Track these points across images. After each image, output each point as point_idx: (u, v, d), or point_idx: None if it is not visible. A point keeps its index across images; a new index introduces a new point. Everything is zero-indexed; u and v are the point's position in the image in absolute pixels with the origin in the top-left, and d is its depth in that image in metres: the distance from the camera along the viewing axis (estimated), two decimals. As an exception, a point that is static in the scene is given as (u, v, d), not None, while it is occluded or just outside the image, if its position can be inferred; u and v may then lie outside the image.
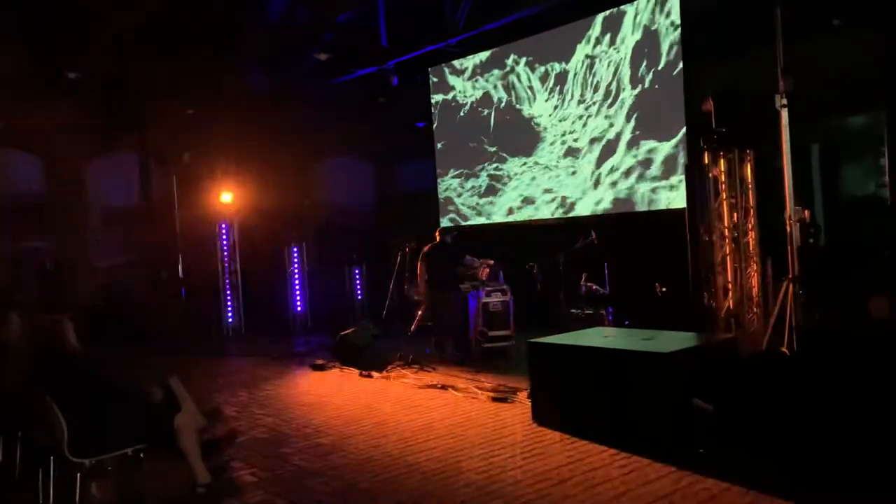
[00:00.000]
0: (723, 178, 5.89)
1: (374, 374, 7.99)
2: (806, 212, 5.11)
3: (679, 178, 9.01)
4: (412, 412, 6.26)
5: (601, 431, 5.07)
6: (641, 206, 9.48)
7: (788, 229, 5.04)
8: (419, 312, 9.83)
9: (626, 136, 9.69)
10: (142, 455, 4.19)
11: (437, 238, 8.86)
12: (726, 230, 5.88)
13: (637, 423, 4.90)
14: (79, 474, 4.01)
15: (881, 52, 7.63)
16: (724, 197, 5.84)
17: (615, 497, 4.15)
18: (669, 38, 9.14)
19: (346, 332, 9.04)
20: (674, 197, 9.11)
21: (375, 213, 14.84)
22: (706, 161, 5.90)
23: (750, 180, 5.73)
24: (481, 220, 11.84)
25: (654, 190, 9.35)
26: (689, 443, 4.75)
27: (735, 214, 5.85)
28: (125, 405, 4.20)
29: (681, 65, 9.04)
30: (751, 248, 5.70)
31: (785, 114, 5.04)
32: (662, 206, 9.23)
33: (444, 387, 7.12)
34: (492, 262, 8.91)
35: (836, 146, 8.40)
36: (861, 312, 5.83)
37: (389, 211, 14.44)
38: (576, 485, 4.34)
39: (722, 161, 5.87)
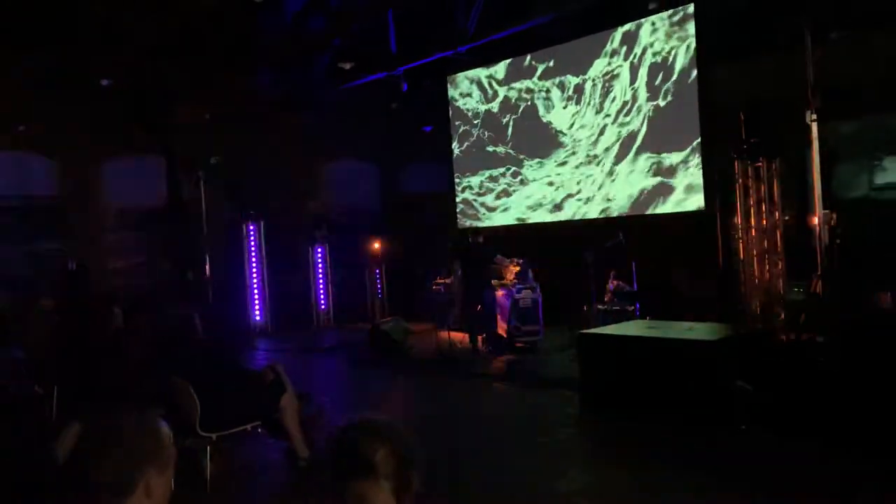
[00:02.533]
0: (751, 184, 6.50)
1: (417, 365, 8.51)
2: (833, 215, 5.73)
3: (694, 183, 9.66)
4: (468, 399, 6.80)
5: (652, 411, 5.63)
6: (658, 209, 10.09)
7: (817, 230, 5.67)
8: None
9: (643, 143, 10.28)
10: (260, 430, 4.71)
11: (470, 240, 9.41)
12: (753, 231, 6.49)
13: (685, 403, 5.46)
14: (208, 447, 4.51)
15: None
16: (752, 202, 6.45)
17: (678, 457, 4.74)
18: (685, 51, 9.76)
19: (382, 325, 9.56)
20: (688, 200, 9.72)
21: (388, 214, 15.29)
22: (737, 170, 6.51)
23: (776, 187, 6.35)
24: (499, 222, 12.38)
25: (669, 193, 9.96)
26: (732, 419, 5.33)
27: (763, 217, 6.46)
28: (245, 386, 4.71)
29: (696, 75, 9.66)
30: (778, 248, 6.32)
31: (815, 128, 5.64)
32: (677, 209, 9.85)
33: (487, 377, 7.68)
34: (521, 261, 9.46)
35: (832, 151, 9.05)
36: (872, 304, 6.45)
37: (403, 212, 14.95)
38: (638, 452, 4.94)
39: (750, 169, 6.49)
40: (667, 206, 9.98)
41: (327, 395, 7.22)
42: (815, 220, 5.65)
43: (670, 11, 9.90)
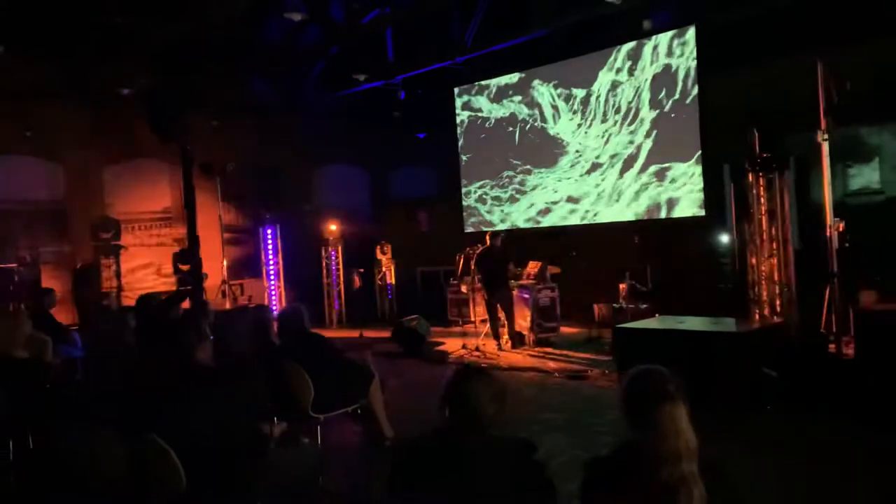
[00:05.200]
0: (762, 193, 7.30)
1: (447, 360, 9.16)
2: (840, 224, 6.54)
3: (695, 190, 10.48)
4: (510, 387, 7.46)
5: (686, 396, 6.35)
6: (662, 215, 10.88)
7: (829, 234, 6.47)
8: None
9: (646, 153, 11.06)
10: (359, 412, 5.33)
11: (488, 241, 10.08)
12: (765, 234, 7.29)
13: (717, 389, 6.20)
14: (318, 427, 5.11)
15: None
16: (764, 211, 7.25)
17: (714, 434, 5.46)
18: (686, 67, 10.56)
19: (406, 323, 10.18)
20: (691, 207, 10.54)
21: (395, 218, 15.85)
22: (750, 180, 7.31)
23: (787, 196, 7.15)
24: (504, 226, 13.04)
25: (672, 200, 10.76)
26: (759, 402, 6.10)
27: (773, 224, 7.25)
28: (347, 373, 5.32)
29: (696, 90, 10.48)
30: (788, 252, 7.12)
31: (826, 146, 6.45)
32: (679, 215, 10.65)
33: (522, 369, 8.36)
34: (539, 263, 10.17)
35: (807, 159, 9.92)
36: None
37: (409, 216, 15.58)
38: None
39: (762, 180, 7.28)
40: (671, 213, 10.78)
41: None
42: (828, 227, 6.44)
43: (673, 31, 10.71)
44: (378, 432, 5.64)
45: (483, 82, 13.53)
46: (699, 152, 10.46)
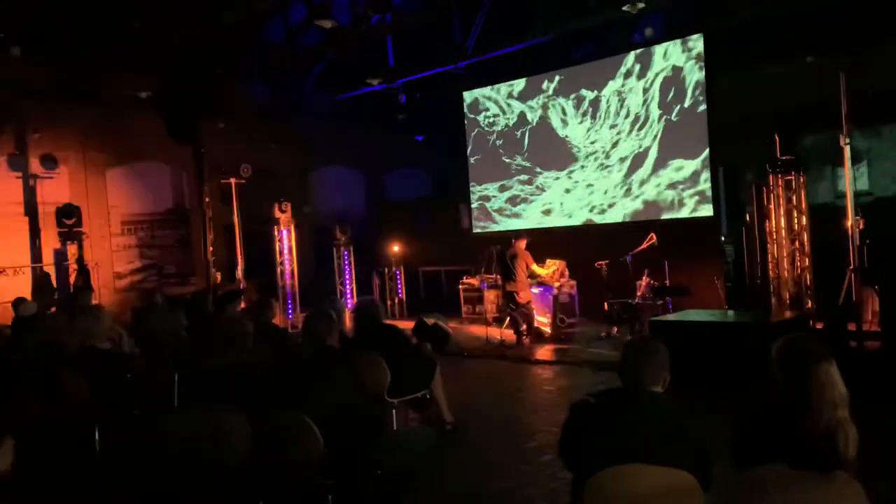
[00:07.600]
0: (780, 193, 7.78)
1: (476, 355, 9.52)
2: (860, 221, 7.00)
3: (703, 190, 10.94)
4: (543, 379, 7.85)
5: (716, 384, 6.76)
6: (668, 214, 11.33)
7: (850, 231, 6.94)
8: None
9: (655, 155, 11.50)
10: (428, 397, 5.66)
11: (513, 242, 10.45)
12: (784, 231, 7.76)
13: (746, 376, 6.62)
14: (394, 411, 5.44)
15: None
16: (783, 211, 7.73)
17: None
18: (695, 73, 11.02)
19: (431, 320, 10.49)
20: (697, 206, 11.00)
21: (401, 217, 16.14)
22: (771, 181, 7.77)
23: (803, 196, 7.64)
24: (513, 227, 13.41)
25: (680, 200, 11.21)
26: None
27: (791, 222, 7.72)
28: (417, 361, 5.66)
29: (704, 93, 10.93)
30: (805, 248, 7.60)
31: (848, 149, 6.92)
32: (689, 215, 11.10)
33: (548, 362, 8.74)
34: (560, 261, 10.56)
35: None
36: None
37: (414, 216, 15.91)
38: (708, 413, 6.04)
39: (781, 180, 7.76)
40: (679, 212, 11.23)
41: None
42: (849, 224, 6.90)
43: (680, 36, 11.16)
44: (439, 417, 5.99)
45: (492, 85, 13.87)
46: (707, 153, 10.92)
